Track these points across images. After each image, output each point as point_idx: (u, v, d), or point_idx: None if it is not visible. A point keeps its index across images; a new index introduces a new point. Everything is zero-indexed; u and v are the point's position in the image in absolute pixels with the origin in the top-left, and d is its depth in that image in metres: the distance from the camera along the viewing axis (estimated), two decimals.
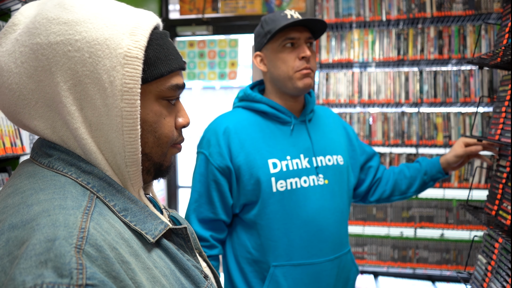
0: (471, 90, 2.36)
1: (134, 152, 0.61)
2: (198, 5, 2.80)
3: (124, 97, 0.58)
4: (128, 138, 0.60)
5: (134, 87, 0.58)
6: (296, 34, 1.26)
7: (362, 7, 2.45)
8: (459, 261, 2.45)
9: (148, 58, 0.61)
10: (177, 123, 0.69)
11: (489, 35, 2.31)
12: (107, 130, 0.59)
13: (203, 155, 1.29)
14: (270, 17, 1.29)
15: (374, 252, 2.55)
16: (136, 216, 0.60)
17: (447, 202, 2.46)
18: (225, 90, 21.53)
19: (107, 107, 0.58)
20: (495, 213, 1.33)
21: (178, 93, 0.66)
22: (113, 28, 0.58)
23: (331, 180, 1.31)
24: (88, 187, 0.58)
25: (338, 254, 1.30)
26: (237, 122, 1.30)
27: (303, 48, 1.26)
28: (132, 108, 0.58)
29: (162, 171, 0.70)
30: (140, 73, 0.58)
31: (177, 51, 0.67)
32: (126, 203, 0.61)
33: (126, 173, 0.62)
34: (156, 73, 0.62)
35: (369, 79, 2.50)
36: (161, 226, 0.62)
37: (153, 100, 0.63)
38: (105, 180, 0.60)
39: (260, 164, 1.24)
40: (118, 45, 0.58)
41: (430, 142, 2.43)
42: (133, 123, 0.59)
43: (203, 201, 1.28)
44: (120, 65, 0.57)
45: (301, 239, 1.24)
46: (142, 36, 0.60)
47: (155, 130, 0.64)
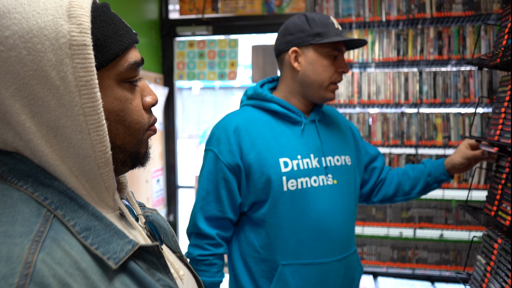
0: (471, 91, 2.36)
1: (105, 150, 0.55)
2: (198, 5, 2.80)
3: (82, 92, 0.51)
4: (96, 136, 0.53)
5: (91, 79, 0.51)
6: (342, 48, 1.29)
7: (362, 7, 2.46)
8: (458, 262, 2.45)
9: (96, 40, 0.53)
10: (145, 104, 0.62)
11: (489, 35, 2.32)
12: (70, 133, 0.52)
13: (212, 152, 1.28)
14: (320, 19, 1.28)
15: (373, 252, 2.55)
16: (99, 236, 0.53)
17: (446, 203, 2.46)
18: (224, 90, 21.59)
19: (64, 107, 0.51)
20: (494, 213, 1.33)
21: (138, 71, 0.60)
22: (46, 14, 0.50)
23: (340, 180, 1.31)
24: (45, 203, 0.51)
25: (346, 254, 1.31)
26: (248, 121, 1.29)
27: (343, 62, 1.30)
28: (94, 103, 0.52)
29: (139, 159, 0.64)
30: (93, 61, 0.51)
31: (125, 23, 0.60)
32: (89, 221, 0.53)
33: (99, 176, 0.56)
34: (110, 55, 0.55)
35: (368, 79, 2.50)
36: (128, 246, 0.54)
37: (114, 86, 0.56)
38: (67, 194, 0.53)
39: (271, 163, 1.24)
40: (59, 34, 0.50)
41: (430, 143, 2.43)
42: (98, 118, 0.53)
43: (210, 199, 1.28)
44: (68, 57, 0.50)
45: (310, 239, 1.25)
46: (83, 16, 0.52)
47: (123, 119, 0.58)
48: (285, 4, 2.71)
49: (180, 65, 2.88)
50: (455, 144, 2.39)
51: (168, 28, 2.88)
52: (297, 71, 1.30)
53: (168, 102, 2.94)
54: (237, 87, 17.68)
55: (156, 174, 2.86)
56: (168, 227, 0.77)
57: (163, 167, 2.98)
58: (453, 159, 1.43)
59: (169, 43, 2.91)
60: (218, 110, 18.50)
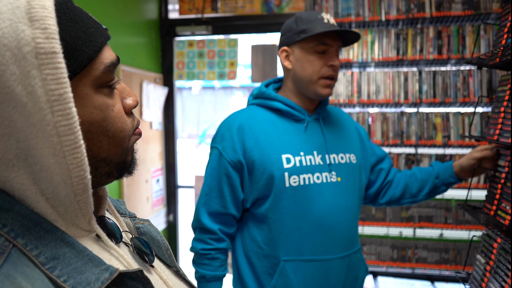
0: (470, 90, 2.36)
1: (83, 175, 0.47)
2: (198, 5, 2.80)
3: (55, 108, 0.43)
4: (73, 160, 0.45)
5: (64, 92, 0.44)
6: (330, 41, 1.27)
7: (361, 7, 2.46)
8: (458, 261, 2.45)
9: (66, 45, 0.46)
10: (126, 107, 0.56)
11: (488, 35, 2.32)
12: (41, 156, 0.45)
13: (216, 149, 1.31)
14: (306, 16, 1.29)
15: (373, 252, 2.55)
16: (70, 265, 0.45)
17: (446, 202, 2.46)
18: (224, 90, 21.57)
19: (34, 126, 0.43)
20: (494, 213, 1.33)
21: (115, 73, 0.53)
22: (2, 18, 0.42)
23: (344, 178, 1.32)
24: (3, 232, 0.44)
25: (349, 252, 1.31)
26: (252, 118, 1.32)
27: (333, 56, 1.29)
28: (69, 120, 0.44)
29: (126, 168, 0.57)
30: (65, 70, 0.44)
31: (94, 19, 0.52)
32: (57, 248, 0.46)
33: (76, 203, 0.48)
34: (83, 59, 0.48)
35: (368, 79, 2.50)
36: (104, 275, 0.46)
37: (91, 94, 0.49)
38: (30, 218, 0.46)
39: (274, 159, 1.26)
40: (21, 41, 0.42)
41: (429, 142, 2.43)
42: (74, 138, 0.45)
43: (213, 194, 1.30)
44: (36, 68, 0.42)
45: (312, 235, 1.26)
46: (48, 18, 0.43)
47: (106, 129, 0.51)
48: (284, 4, 2.71)
49: (179, 65, 2.88)
50: (455, 143, 2.39)
51: (167, 28, 2.88)
52: (289, 70, 1.34)
53: (167, 102, 2.94)
54: (237, 87, 17.69)
55: (156, 174, 2.86)
56: (162, 239, 0.70)
57: (163, 167, 2.98)
58: (461, 161, 1.41)
59: (169, 42, 2.91)
60: (218, 109, 18.50)
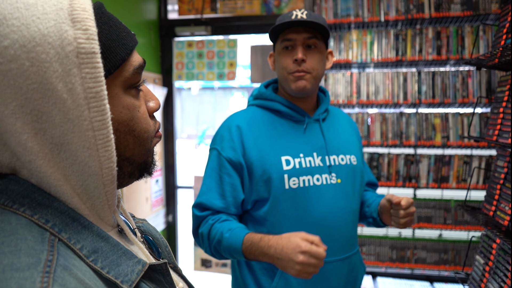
0: (469, 91, 2.37)
1: (112, 167, 0.51)
2: (197, 5, 2.80)
3: (91, 104, 0.47)
4: (105, 152, 0.49)
5: (100, 90, 0.47)
6: (293, 35, 1.26)
7: (361, 7, 2.46)
8: (457, 262, 2.45)
9: (102, 46, 0.49)
10: (150, 110, 0.59)
11: (487, 36, 2.32)
12: (75, 150, 0.48)
13: (216, 150, 1.30)
14: (279, 17, 1.30)
15: (372, 252, 2.55)
16: (108, 258, 0.49)
17: (445, 203, 2.46)
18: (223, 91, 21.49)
19: (71, 122, 0.46)
20: (493, 213, 1.33)
21: (141, 75, 0.57)
22: (47, 18, 0.45)
23: (344, 179, 1.31)
24: (47, 226, 0.46)
25: (349, 254, 1.30)
26: (251, 119, 1.31)
27: (297, 51, 1.26)
28: (103, 116, 0.48)
29: (147, 168, 0.60)
30: (102, 70, 0.47)
31: (124, 24, 0.56)
32: (95, 242, 0.49)
33: (104, 194, 0.52)
34: (117, 61, 0.51)
35: (367, 79, 2.50)
36: (138, 266, 0.51)
37: (121, 94, 0.53)
38: (68, 214, 0.49)
39: (273, 161, 1.24)
40: (64, 41, 0.45)
41: (429, 143, 2.43)
42: (107, 133, 0.49)
43: (212, 195, 1.26)
44: (76, 67, 0.45)
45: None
46: (89, 20, 0.47)
47: (133, 129, 0.54)
48: (284, 4, 2.71)
49: (179, 65, 2.88)
50: (454, 144, 2.39)
51: (167, 28, 2.88)
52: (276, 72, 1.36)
53: (167, 102, 2.94)
54: (236, 87, 17.69)
55: (155, 174, 2.86)
56: (161, 237, 0.73)
57: (162, 167, 2.98)
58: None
59: (168, 43, 2.91)
60: (217, 110, 18.49)
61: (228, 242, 1.15)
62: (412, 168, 2.47)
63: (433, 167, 2.45)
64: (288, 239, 1.06)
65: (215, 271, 2.89)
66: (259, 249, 1.10)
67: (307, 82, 1.27)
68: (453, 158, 2.43)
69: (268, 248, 1.09)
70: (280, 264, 1.06)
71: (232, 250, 1.15)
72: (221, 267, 2.88)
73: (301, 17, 1.24)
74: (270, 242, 1.09)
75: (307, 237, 1.06)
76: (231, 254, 1.17)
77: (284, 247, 1.05)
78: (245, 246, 1.13)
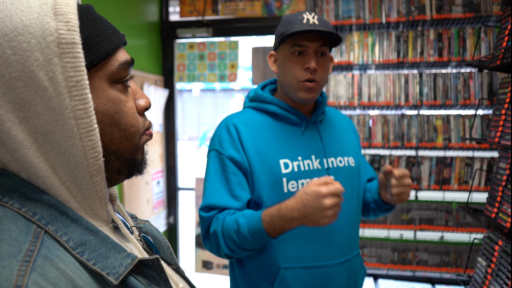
0: (471, 93, 2.36)
1: (97, 157, 0.51)
2: (198, 7, 2.80)
3: (73, 93, 0.48)
4: (88, 141, 0.50)
5: (81, 79, 0.48)
6: (305, 42, 1.22)
7: (362, 9, 2.46)
8: (459, 264, 2.45)
9: (85, 39, 0.51)
10: (139, 107, 0.59)
11: (489, 37, 2.32)
12: (59, 139, 0.49)
13: (216, 151, 1.26)
14: (288, 18, 1.25)
15: (373, 254, 2.55)
16: (95, 251, 0.49)
17: (446, 205, 2.46)
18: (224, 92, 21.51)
19: (53, 110, 0.48)
20: (495, 215, 1.33)
21: (129, 71, 0.57)
22: (30, 12, 0.47)
23: (343, 181, 1.28)
24: (34, 219, 0.47)
25: (349, 257, 1.29)
26: (248, 122, 1.28)
27: (310, 58, 1.22)
28: (85, 105, 0.49)
29: (136, 166, 0.60)
30: (83, 60, 0.49)
31: (112, 25, 0.57)
32: (83, 235, 0.50)
33: (92, 185, 0.52)
34: (100, 53, 0.52)
35: (369, 81, 2.50)
36: (127, 260, 0.51)
37: (106, 87, 0.54)
38: (57, 207, 0.49)
39: (271, 164, 1.23)
40: (46, 31, 0.47)
41: (430, 145, 2.43)
42: (90, 122, 0.50)
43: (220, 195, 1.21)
44: (57, 56, 0.47)
45: (312, 241, 1.23)
46: (70, 13, 0.49)
47: (118, 121, 0.55)
48: (285, 6, 2.71)
49: (180, 67, 2.89)
50: (456, 146, 2.39)
51: (168, 30, 2.88)
52: (277, 74, 1.33)
53: (168, 104, 2.94)
54: (237, 89, 17.69)
55: (156, 176, 2.86)
56: (163, 238, 0.73)
57: (163, 169, 2.98)
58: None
59: (170, 45, 2.91)
60: (218, 112, 18.50)
61: (246, 227, 1.12)
62: (414, 170, 2.47)
63: (435, 169, 2.45)
64: (304, 194, 1.05)
65: (216, 272, 2.89)
66: (282, 218, 1.08)
67: (316, 93, 1.26)
68: (454, 160, 2.43)
69: (291, 212, 1.07)
70: (310, 220, 1.05)
71: (253, 233, 1.12)
72: (222, 268, 2.88)
73: (313, 22, 1.20)
74: (290, 205, 1.07)
75: (318, 181, 1.05)
76: (253, 239, 1.12)
77: (305, 202, 1.04)
78: (265, 223, 1.10)
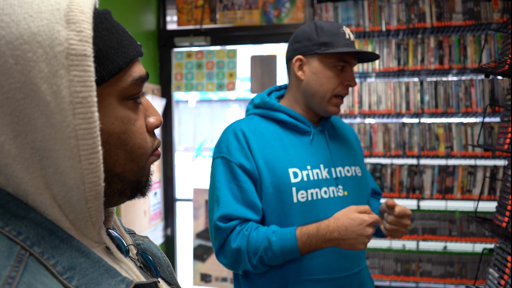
0: (473, 100, 2.34)
1: (97, 182, 0.46)
2: (196, 16, 2.78)
3: (77, 110, 0.43)
4: (88, 165, 0.45)
5: (88, 96, 0.44)
6: (350, 59, 1.23)
7: (362, 17, 2.44)
8: (464, 275, 2.40)
9: (98, 51, 0.46)
10: (149, 125, 0.55)
11: (490, 45, 2.30)
12: (57, 158, 0.44)
13: (224, 159, 1.22)
14: (328, 28, 1.22)
15: (376, 265, 2.49)
16: (86, 276, 0.45)
17: (450, 214, 2.42)
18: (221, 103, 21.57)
19: (53, 127, 0.43)
20: (506, 224, 1.29)
21: (142, 87, 0.53)
22: (40, 17, 0.43)
23: (351, 191, 1.26)
24: (19, 239, 0.42)
25: (358, 269, 1.25)
26: (256, 130, 1.24)
27: (351, 75, 1.24)
28: (90, 125, 0.44)
29: (140, 188, 0.56)
30: (93, 74, 0.44)
31: (129, 34, 0.53)
32: (73, 258, 0.45)
33: (86, 210, 0.48)
34: (113, 68, 0.48)
35: (369, 89, 2.48)
36: (121, 286, 0.46)
37: (115, 104, 0.49)
38: (45, 226, 0.45)
39: (280, 173, 1.19)
40: (55, 41, 0.42)
41: (432, 153, 2.39)
42: (92, 143, 0.45)
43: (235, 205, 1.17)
44: (64, 68, 0.43)
45: (322, 253, 1.19)
46: (84, 22, 0.44)
47: (125, 142, 0.50)
48: (283, 15, 2.69)
49: (178, 76, 2.85)
50: (458, 154, 2.36)
51: (165, 39, 2.85)
52: (301, 80, 1.26)
53: (165, 113, 2.90)
54: (233, 99, 17.70)
55: (154, 187, 2.80)
56: (163, 256, 0.69)
57: (161, 179, 2.92)
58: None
59: (167, 53, 2.88)
60: (215, 122, 18.49)
61: (279, 245, 1.12)
62: (416, 178, 2.43)
63: (437, 178, 2.41)
64: (347, 218, 1.09)
65: (215, 286, 2.82)
66: (320, 238, 1.11)
67: (339, 109, 1.28)
68: (457, 169, 2.39)
69: (330, 233, 1.10)
70: (347, 243, 1.09)
71: (285, 251, 1.13)
72: (221, 281, 2.81)
73: (350, 38, 1.23)
74: (330, 227, 1.10)
75: (359, 209, 1.11)
76: (283, 256, 1.13)
77: (348, 226, 1.08)
78: (301, 242, 1.12)
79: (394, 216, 1.17)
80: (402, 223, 1.18)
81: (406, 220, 1.18)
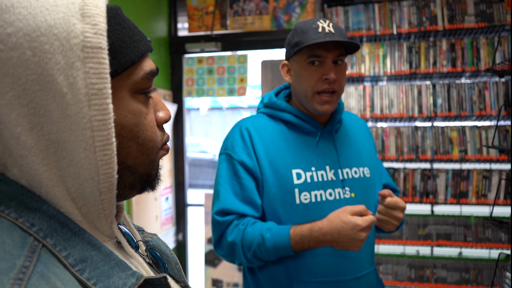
0: (486, 103, 2.30)
1: (110, 174, 0.47)
2: (207, 22, 2.80)
3: (92, 102, 0.44)
4: (103, 156, 0.46)
5: (104, 87, 0.45)
6: (322, 52, 1.17)
7: (372, 21, 2.43)
8: (480, 281, 2.34)
9: (111, 44, 0.47)
10: (158, 119, 0.56)
11: (503, 47, 2.27)
12: (72, 150, 0.45)
13: (228, 155, 1.23)
14: (301, 27, 1.20)
15: (389, 271, 2.45)
16: (97, 269, 0.45)
17: (465, 219, 2.37)
18: (232, 111, 21.71)
19: (69, 118, 0.44)
20: None
21: (152, 81, 0.54)
22: (56, 11, 0.43)
23: (358, 193, 1.24)
24: (32, 231, 0.43)
25: (365, 272, 1.23)
26: (262, 128, 1.25)
27: (328, 68, 1.17)
28: (105, 116, 0.45)
29: (150, 182, 0.57)
30: (107, 67, 0.45)
31: (140, 30, 0.54)
32: (85, 251, 0.45)
33: (99, 202, 0.48)
34: (126, 62, 0.49)
35: (381, 93, 2.46)
36: (131, 280, 0.46)
37: (128, 97, 0.50)
38: (57, 219, 0.45)
39: (284, 174, 1.18)
40: (71, 33, 0.43)
41: (446, 157, 2.36)
42: (107, 135, 0.45)
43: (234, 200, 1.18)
44: (80, 60, 0.43)
45: (327, 255, 1.18)
46: (99, 16, 0.45)
47: (137, 135, 0.51)
48: (294, 20, 2.69)
49: (189, 82, 2.87)
50: (472, 158, 2.32)
51: (177, 45, 2.88)
52: (291, 84, 1.28)
53: (177, 119, 2.91)
54: (245, 107, 17.72)
55: (165, 192, 2.81)
56: (171, 253, 0.69)
57: (172, 185, 2.93)
58: None
59: (178, 59, 2.90)
60: (226, 130, 18.52)
61: (272, 242, 1.12)
62: (429, 183, 2.39)
63: (451, 182, 2.37)
64: (340, 221, 1.07)
65: None
66: (313, 239, 1.11)
67: (333, 105, 1.21)
68: (471, 173, 2.35)
69: (323, 236, 1.09)
70: (340, 245, 1.09)
71: (278, 249, 1.13)
72: (232, 287, 2.79)
73: (329, 31, 1.15)
74: (323, 229, 1.09)
75: (353, 210, 1.08)
76: (276, 253, 1.13)
77: (341, 230, 1.07)
78: (294, 241, 1.11)
79: (384, 206, 1.16)
80: (393, 214, 1.16)
81: (398, 213, 1.16)
